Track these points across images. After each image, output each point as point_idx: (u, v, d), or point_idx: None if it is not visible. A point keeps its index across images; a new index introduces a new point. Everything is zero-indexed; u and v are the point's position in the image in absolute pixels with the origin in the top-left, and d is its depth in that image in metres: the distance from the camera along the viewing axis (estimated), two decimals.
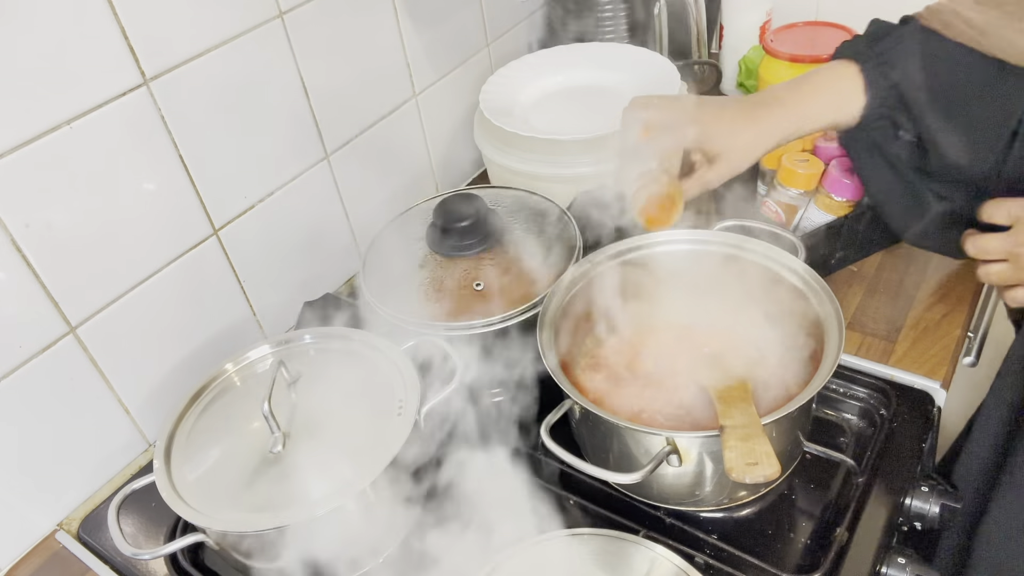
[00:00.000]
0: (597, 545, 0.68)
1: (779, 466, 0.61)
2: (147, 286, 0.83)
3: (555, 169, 1.01)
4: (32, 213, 0.72)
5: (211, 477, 0.70)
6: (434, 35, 1.12)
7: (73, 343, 0.78)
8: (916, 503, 0.74)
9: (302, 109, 0.95)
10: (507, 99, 1.12)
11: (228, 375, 0.79)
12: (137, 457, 0.88)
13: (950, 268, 0.95)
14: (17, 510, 0.79)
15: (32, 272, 0.73)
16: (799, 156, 0.92)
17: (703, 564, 0.70)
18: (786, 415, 0.65)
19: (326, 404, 0.75)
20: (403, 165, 1.14)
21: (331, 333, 0.82)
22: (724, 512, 0.74)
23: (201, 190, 0.86)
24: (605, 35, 1.27)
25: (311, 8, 0.92)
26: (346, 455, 0.70)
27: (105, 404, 0.83)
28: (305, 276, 1.02)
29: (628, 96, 0.82)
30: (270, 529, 0.65)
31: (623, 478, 0.65)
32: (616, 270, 0.83)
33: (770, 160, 0.94)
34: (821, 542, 0.71)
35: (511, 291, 0.83)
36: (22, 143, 0.70)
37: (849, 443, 0.79)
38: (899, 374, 0.84)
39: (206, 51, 0.82)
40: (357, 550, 0.71)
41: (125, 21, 0.74)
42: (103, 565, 0.79)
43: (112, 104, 0.75)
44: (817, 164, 0.91)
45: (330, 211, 1.04)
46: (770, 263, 0.79)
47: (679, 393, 0.79)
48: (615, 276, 0.83)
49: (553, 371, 0.71)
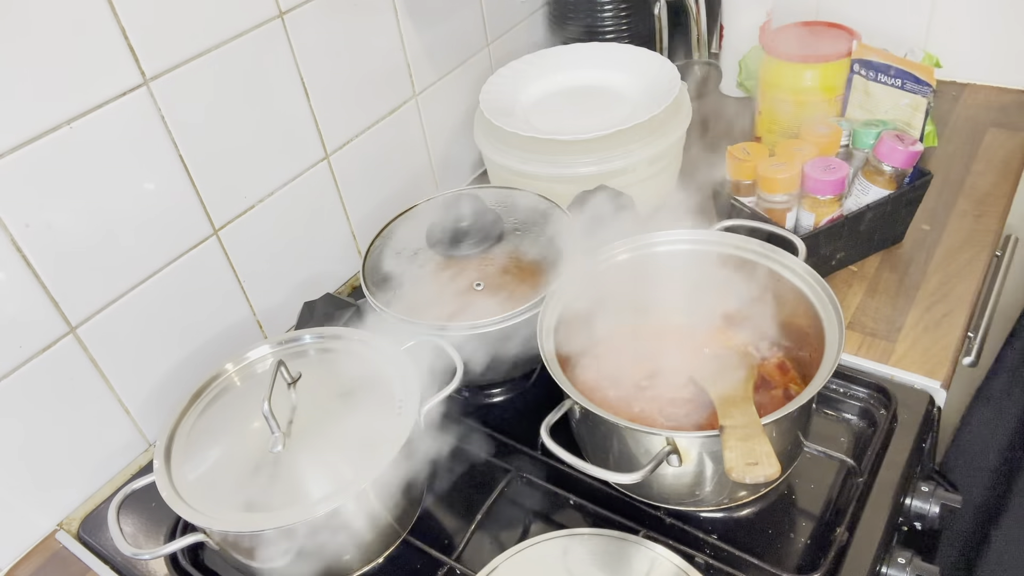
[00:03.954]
0: (597, 545, 0.68)
1: (779, 466, 0.61)
2: (147, 286, 0.83)
3: (555, 169, 1.01)
4: (32, 213, 0.72)
5: (211, 477, 0.70)
6: (434, 35, 1.12)
7: (73, 343, 0.78)
8: (916, 503, 0.74)
9: (302, 109, 0.95)
10: (507, 99, 1.12)
11: (228, 375, 0.79)
12: (137, 457, 0.88)
13: (950, 268, 0.95)
14: (17, 510, 0.79)
15: (32, 272, 0.73)
16: (773, 162, 0.92)
17: (703, 564, 0.70)
18: (786, 415, 0.65)
19: (326, 404, 0.75)
20: (403, 165, 1.14)
21: (331, 333, 0.82)
22: (724, 512, 0.74)
23: (201, 190, 0.86)
24: (605, 35, 1.27)
25: (311, 8, 0.92)
26: (346, 455, 0.70)
27: (105, 404, 0.83)
28: (305, 276, 1.02)
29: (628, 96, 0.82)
30: (270, 529, 0.65)
31: (623, 478, 0.64)
32: (616, 270, 0.83)
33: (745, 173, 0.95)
34: (821, 542, 0.71)
35: (511, 291, 0.83)
36: (22, 143, 0.70)
37: (849, 443, 0.79)
38: (899, 374, 0.84)
39: (206, 51, 0.82)
40: (357, 550, 0.71)
41: (125, 21, 0.74)
42: (103, 565, 0.79)
43: (112, 104, 0.75)
44: (793, 166, 0.92)
45: (330, 211, 1.04)
46: (770, 263, 0.79)
47: (679, 393, 0.79)
48: (615, 276, 0.83)
49: (553, 371, 0.71)
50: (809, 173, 0.91)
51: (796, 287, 0.77)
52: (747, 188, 0.96)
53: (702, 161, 1.14)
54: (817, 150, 0.94)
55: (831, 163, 0.92)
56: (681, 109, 1.06)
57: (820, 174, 0.91)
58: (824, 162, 0.92)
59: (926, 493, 0.74)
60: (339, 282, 1.09)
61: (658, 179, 1.06)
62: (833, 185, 0.90)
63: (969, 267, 0.95)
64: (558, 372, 0.71)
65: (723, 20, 1.29)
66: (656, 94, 1.05)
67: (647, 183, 1.03)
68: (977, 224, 1.01)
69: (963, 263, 0.95)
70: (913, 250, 0.99)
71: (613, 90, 1.14)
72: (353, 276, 1.10)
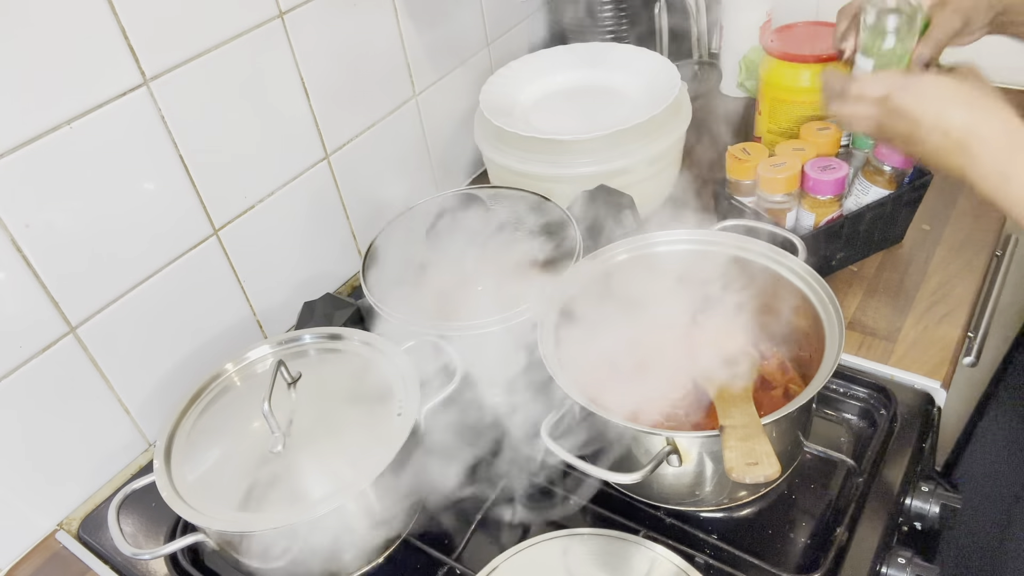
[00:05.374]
0: (597, 545, 0.68)
1: (779, 466, 0.61)
2: (147, 286, 0.83)
3: (555, 169, 1.01)
4: (32, 213, 0.72)
5: (211, 477, 0.70)
6: (434, 35, 1.12)
7: (73, 343, 0.78)
8: (916, 503, 0.74)
9: (302, 109, 0.95)
10: (507, 99, 1.12)
11: (228, 375, 0.79)
12: (137, 457, 0.88)
13: (950, 268, 0.95)
14: (17, 510, 0.79)
15: (32, 272, 0.73)
16: (773, 162, 0.92)
17: (703, 564, 0.70)
18: (786, 415, 0.65)
19: (326, 404, 0.75)
20: (403, 165, 1.14)
21: (331, 333, 0.82)
22: (724, 512, 0.74)
23: (201, 190, 0.86)
24: (605, 35, 1.27)
25: (311, 8, 0.92)
26: (346, 455, 0.70)
27: (105, 404, 0.83)
28: (305, 276, 1.02)
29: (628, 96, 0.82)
30: (270, 529, 0.65)
31: (623, 478, 0.64)
32: (616, 270, 0.83)
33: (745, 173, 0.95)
34: (821, 542, 0.71)
35: (511, 291, 0.83)
36: (22, 143, 0.70)
37: (849, 443, 0.79)
38: (899, 374, 0.84)
39: (206, 51, 0.82)
40: (357, 550, 0.71)
41: (125, 21, 0.74)
42: (103, 565, 0.79)
43: (112, 104, 0.75)
44: (793, 166, 0.92)
45: (330, 211, 1.04)
46: (770, 263, 0.79)
47: (679, 393, 0.79)
48: (615, 276, 0.83)
49: (553, 371, 0.71)
50: (809, 173, 0.91)
51: (796, 287, 0.77)
52: (747, 188, 0.96)
53: (702, 161, 1.14)
54: (817, 150, 0.94)
55: (831, 163, 0.92)
56: (681, 109, 1.06)
57: (820, 174, 0.91)
58: (824, 162, 0.92)
59: (926, 493, 0.74)
60: (339, 282, 1.09)
61: (658, 179, 1.06)
62: (833, 185, 0.90)
63: (969, 267, 0.95)
64: (558, 372, 0.71)
65: (723, 20, 1.30)
66: (656, 94, 1.05)
67: (647, 183, 1.03)
68: (977, 224, 1.01)
69: (963, 263, 0.95)
70: (913, 250, 0.99)
71: (613, 90, 1.14)
72: (353, 276, 1.10)
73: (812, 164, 0.92)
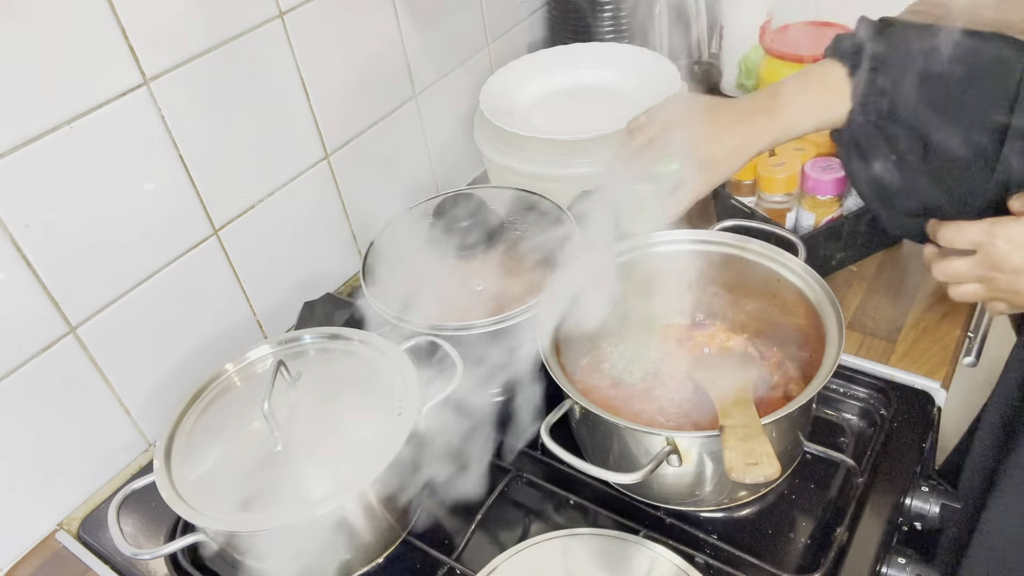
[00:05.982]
0: (597, 545, 0.68)
1: (779, 466, 0.61)
2: (147, 286, 0.83)
3: (555, 169, 1.01)
4: (32, 213, 0.72)
5: (211, 477, 0.70)
6: (434, 35, 1.12)
7: (73, 343, 0.78)
8: (916, 503, 0.74)
9: (302, 109, 0.95)
10: (507, 99, 1.12)
11: (228, 375, 0.79)
12: (137, 457, 0.88)
13: None
14: (17, 510, 0.79)
15: (32, 272, 0.73)
16: (772, 162, 0.93)
17: (703, 564, 0.70)
18: (786, 415, 0.65)
19: (326, 404, 0.75)
20: (403, 165, 1.14)
21: (331, 333, 0.82)
22: (724, 512, 0.74)
23: (201, 190, 0.86)
24: (605, 35, 1.27)
25: (311, 8, 0.92)
26: (346, 455, 0.70)
27: (105, 404, 0.83)
28: (305, 276, 1.02)
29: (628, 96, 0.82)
30: (270, 529, 0.65)
31: (623, 478, 0.65)
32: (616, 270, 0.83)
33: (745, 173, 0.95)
34: (821, 542, 0.71)
35: (511, 291, 0.83)
36: (22, 143, 0.70)
37: (849, 443, 0.79)
38: (899, 374, 0.84)
39: (206, 51, 0.82)
40: (357, 550, 0.71)
41: (125, 21, 0.74)
42: (103, 565, 0.79)
43: (112, 104, 0.75)
44: (793, 166, 0.92)
45: (330, 211, 1.04)
46: (770, 263, 0.79)
47: (679, 393, 0.79)
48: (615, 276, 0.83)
49: (553, 371, 0.71)
50: (809, 173, 0.91)
51: (796, 287, 0.77)
52: (747, 188, 0.96)
53: None
54: (817, 150, 0.94)
55: (831, 163, 0.92)
56: None
57: (820, 174, 0.91)
58: (824, 162, 0.92)
59: (926, 493, 0.74)
60: (339, 282, 1.09)
61: None
62: (833, 185, 0.90)
63: None
64: (558, 372, 0.71)
65: (723, 20, 1.29)
66: (656, 94, 1.05)
67: None
68: None
69: None
70: (913, 250, 0.98)
71: (613, 90, 1.14)
72: (353, 276, 1.10)
73: (812, 164, 0.92)
